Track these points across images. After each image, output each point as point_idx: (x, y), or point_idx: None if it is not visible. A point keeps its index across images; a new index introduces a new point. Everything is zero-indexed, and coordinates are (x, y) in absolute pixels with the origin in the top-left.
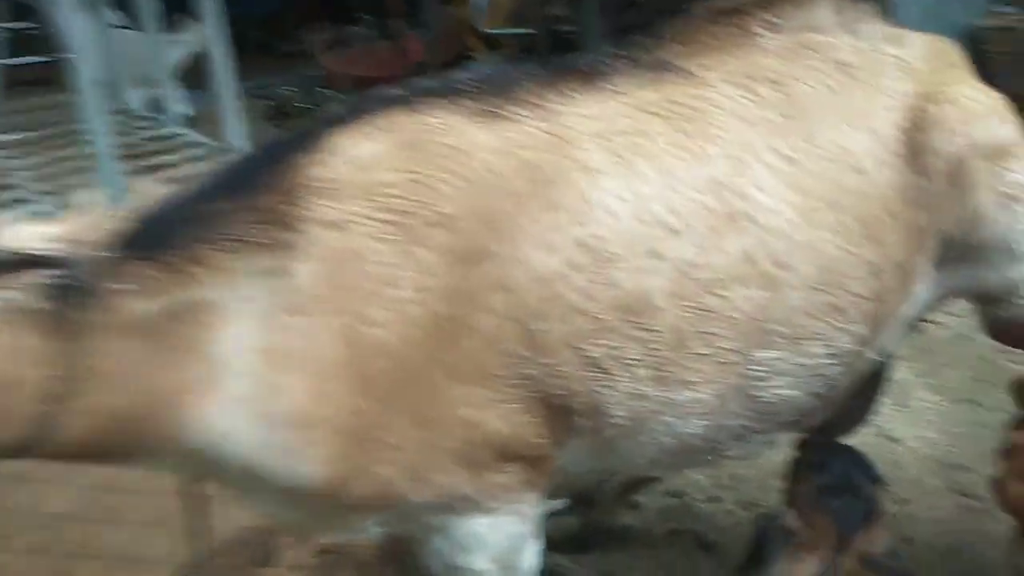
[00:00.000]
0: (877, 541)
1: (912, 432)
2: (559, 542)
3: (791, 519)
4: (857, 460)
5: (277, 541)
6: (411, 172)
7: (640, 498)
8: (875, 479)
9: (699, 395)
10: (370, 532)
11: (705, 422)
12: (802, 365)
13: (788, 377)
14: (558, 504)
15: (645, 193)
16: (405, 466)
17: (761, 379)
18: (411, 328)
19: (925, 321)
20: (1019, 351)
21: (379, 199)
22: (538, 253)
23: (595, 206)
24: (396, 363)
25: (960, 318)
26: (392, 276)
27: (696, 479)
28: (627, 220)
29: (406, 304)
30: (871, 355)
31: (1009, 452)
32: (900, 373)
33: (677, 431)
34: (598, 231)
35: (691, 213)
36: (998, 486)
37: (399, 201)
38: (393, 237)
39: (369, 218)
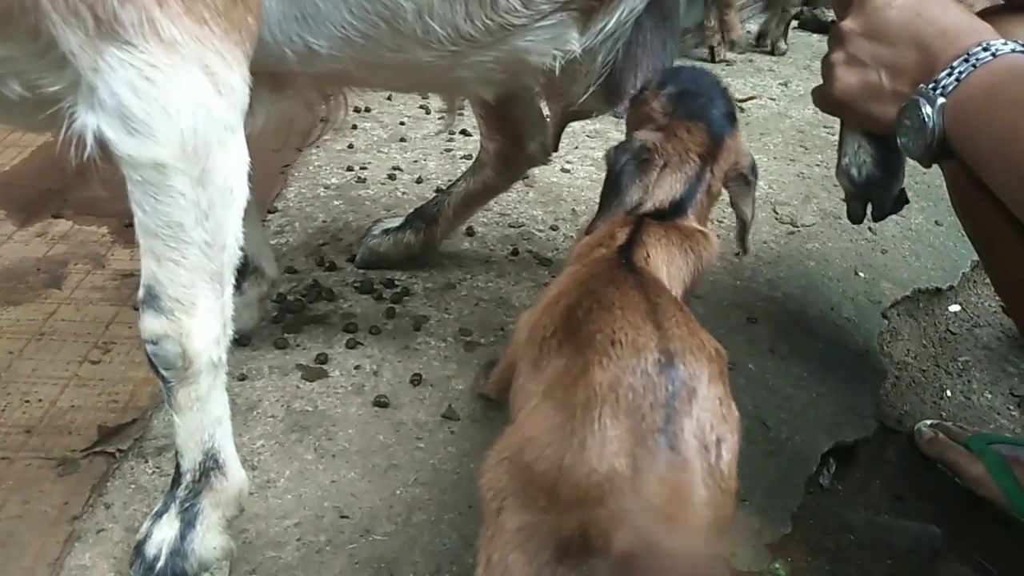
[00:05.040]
0: (743, 155)
1: None
2: (397, 259)
3: (644, 135)
4: (700, 72)
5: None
6: None
7: (479, 228)
8: (723, 86)
9: None
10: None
11: None
12: None
13: None
14: (396, 222)
15: None
16: None
17: None
18: None
19: (745, 100)
20: (832, 120)
21: None
22: None
23: None
24: None
25: (776, 100)
26: None
27: (535, 213)
28: None
29: None
30: None
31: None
32: None
33: None
34: None
35: None
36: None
37: None
38: None
39: None
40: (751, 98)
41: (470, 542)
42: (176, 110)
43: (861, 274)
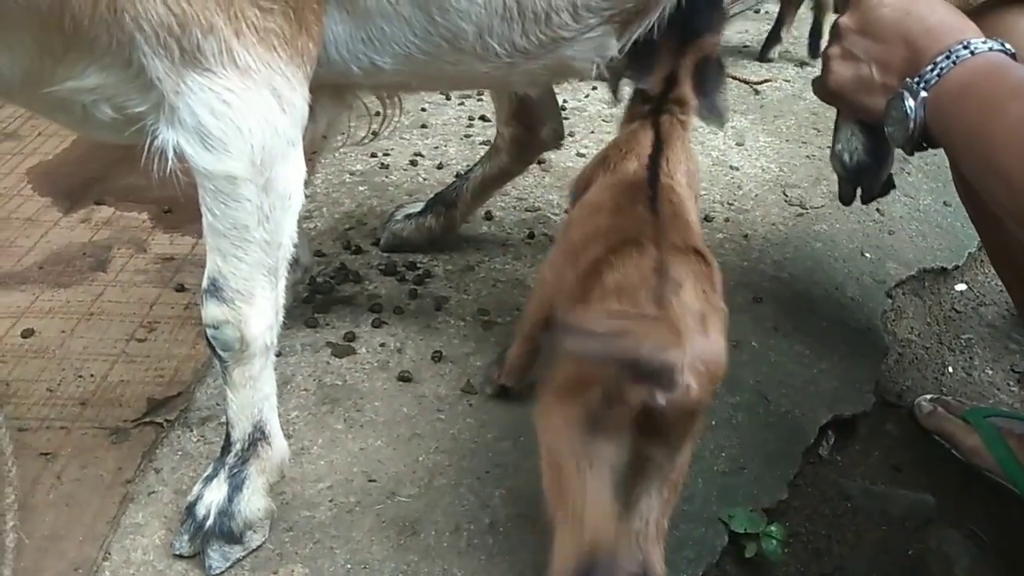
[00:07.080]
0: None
1: (750, 163)
2: (419, 242)
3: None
4: None
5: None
6: None
7: (496, 212)
8: None
9: None
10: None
11: None
12: None
13: None
14: (417, 207)
15: None
16: None
17: None
18: None
19: (760, 83)
20: None
21: None
22: None
23: None
24: None
25: (791, 83)
26: None
27: (551, 198)
28: None
29: None
30: None
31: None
32: (738, 122)
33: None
34: None
35: None
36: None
37: None
38: None
39: None
40: (766, 81)
41: (486, 503)
42: (248, 129)
43: (867, 255)
